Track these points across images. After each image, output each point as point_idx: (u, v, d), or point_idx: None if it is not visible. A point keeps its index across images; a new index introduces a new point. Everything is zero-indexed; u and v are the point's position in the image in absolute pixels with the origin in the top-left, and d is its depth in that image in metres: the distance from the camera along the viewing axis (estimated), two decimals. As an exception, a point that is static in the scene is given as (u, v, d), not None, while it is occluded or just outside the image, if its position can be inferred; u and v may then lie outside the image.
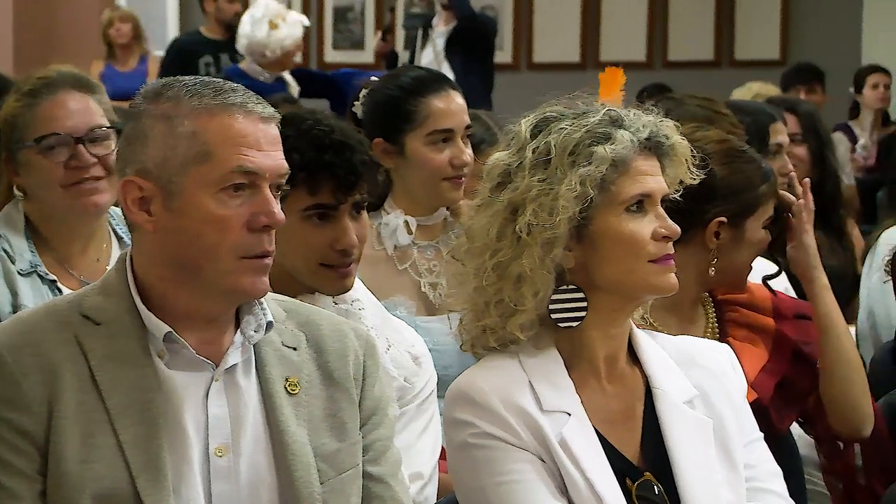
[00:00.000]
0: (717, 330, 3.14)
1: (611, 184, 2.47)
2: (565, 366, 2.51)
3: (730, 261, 3.14)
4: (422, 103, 3.67)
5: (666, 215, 2.51)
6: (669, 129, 2.55)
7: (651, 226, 2.49)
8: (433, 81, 3.74)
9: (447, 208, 3.77)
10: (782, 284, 3.98)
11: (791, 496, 2.61)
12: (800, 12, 12.63)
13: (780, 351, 3.13)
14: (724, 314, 3.16)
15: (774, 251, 3.30)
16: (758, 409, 2.78)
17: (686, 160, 2.57)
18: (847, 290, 4.81)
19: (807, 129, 5.16)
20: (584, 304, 2.50)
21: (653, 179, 2.50)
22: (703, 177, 2.62)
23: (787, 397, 3.15)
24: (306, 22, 7.93)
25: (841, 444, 3.39)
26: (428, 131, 3.64)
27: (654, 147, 2.52)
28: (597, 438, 2.47)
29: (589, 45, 12.36)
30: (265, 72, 7.73)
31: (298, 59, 8.43)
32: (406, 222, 3.67)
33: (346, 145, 2.85)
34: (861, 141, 9.08)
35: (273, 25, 7.60)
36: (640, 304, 2.57)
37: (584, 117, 2.51)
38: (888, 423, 3.37)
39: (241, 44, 7.79)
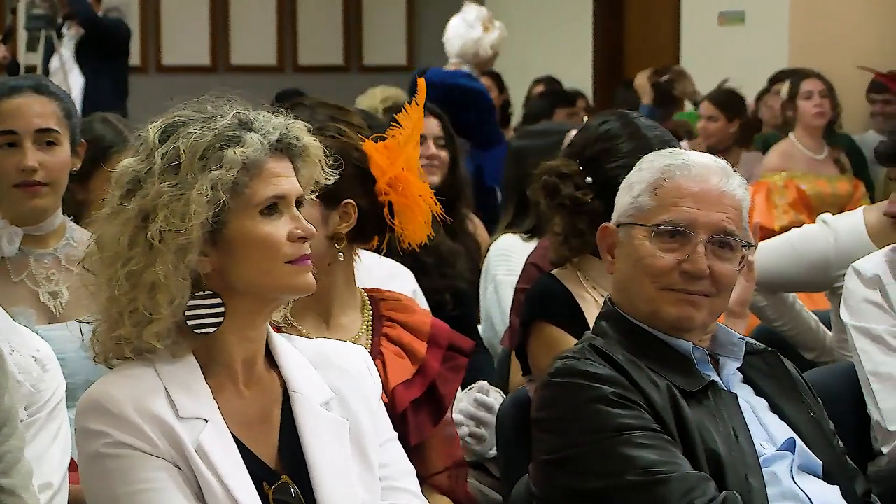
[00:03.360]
0: (369, 341, 3.16)
1: (244, 187, 2.47)
2: (202, 372, 2.49)
3: None
4: None
5: (301, 216, 2.52)
6: (300, 131, 2.56)
7: (286, 227, 2.49)
8: (17, 85, 3.64)
9: (68, 214, 3.67)
10: (410, 287, 4.06)
11: None
12: (424, 19, 12.94)
13: (421, 381, 3.17)
14: (382, 327, 3.19)
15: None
16: (393, 416, 2.82)
17: (319, 161, 2.59)
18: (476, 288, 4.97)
19: (449, 135, 5.34)
20: (222, 309, 2.48)
21: (286, 181, 2.51)
22: (337, 176, 2.65)
23: (414, 426, 3.16)
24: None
25: None
26: None
27: (285, 149, 2.53)
28: (234, 444, 2.46)
29: (219, 48, 12.31)
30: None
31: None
32: (10, 232, 3.54)
33: None
34: None
35: (486, 28, 7.88)
36: (278, 305, 2.58)
37: (213, 121, 2.49)
38: (515, 419, 3.47)
39: (454, 44, 7.85)
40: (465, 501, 3.24)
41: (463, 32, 8.01)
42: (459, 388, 4.07)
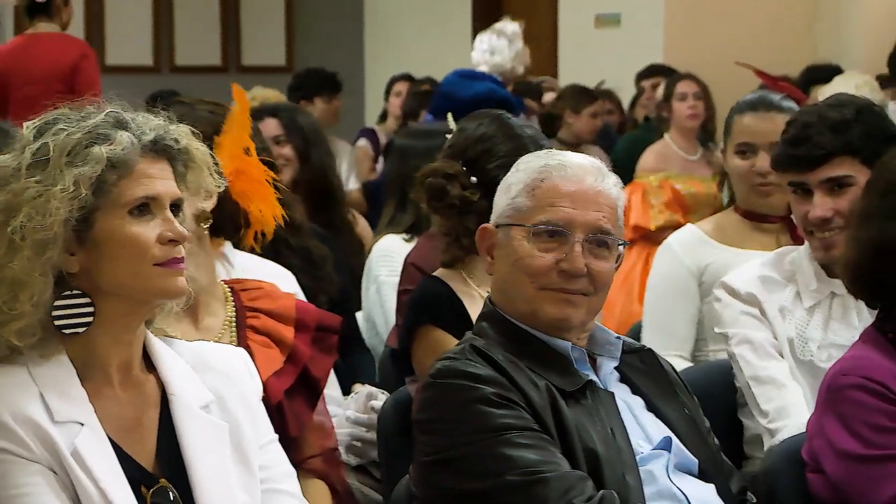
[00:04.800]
0: (234, 335, 3.15)
1: (112, 186, 2.44)
2: (78, 375, 2.47)
3: None
4: None
5: (174, 219, 2.49)
6: (181, 134, 2.54)
7: (157, 229, 2.47)
8: None
9: None
10: (293, 289, 4.04)
11: None
12: (303, 20, 12.90)
13: (292, 368, 3.17)
14: (246, 319, 3.19)
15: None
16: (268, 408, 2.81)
17: (207, 167, 2.57)
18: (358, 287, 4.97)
19: (289, 129, 5.28)
20: (90, 309, 2.46)
21: (160, 183, 2.48)
22: (226, 184, 2.63)
23: (291, 417, 3.17)
24: None
25: None
26: None
27: (162, 150, 2.50)
28: (111, 448, 2.44)
29: (94, 48, 12.14)
30: None
31: None
32: None
33: None
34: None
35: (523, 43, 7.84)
36: (151, 308, 2.54)
37: (87, 119, 2.47)
38: (396, 420, 3.47)
39: (491, 58, 7.74)
40: (339, 485, 3.24)
41: (504, 46, 7.97)
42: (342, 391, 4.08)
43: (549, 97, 8.91)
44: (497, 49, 7.92)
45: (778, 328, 3.55)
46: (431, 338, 3.50)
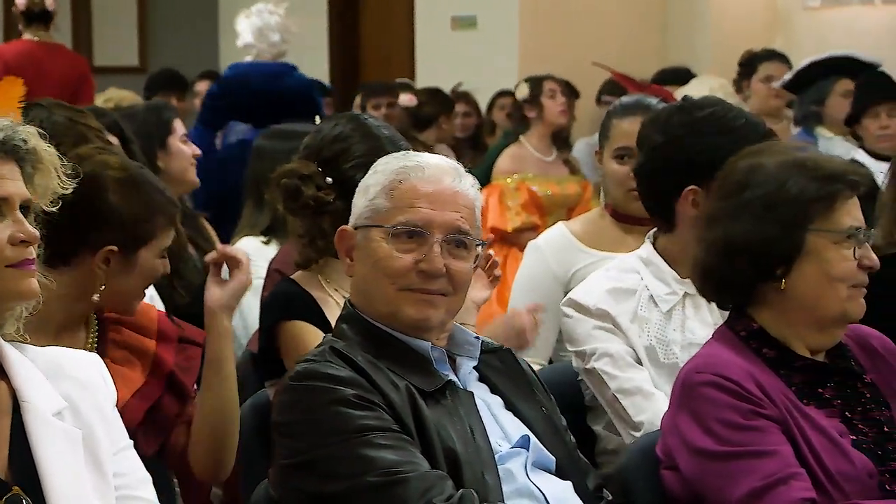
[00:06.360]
0: (95, 349, 3.12)
1: (-39, 188, 2.40)
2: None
3: (118, 287, 3.16)
4: None
5: (24, 220, 2.45)
6: (30, 135, 2.50)
7: (8, 230, 2.43)
8: None
9: None
10: (147, 292, 4.00)
11: None
12: (157, 20, 12.76)
13: (156, 375, 3.17)
14: (107, 333, 3.15)
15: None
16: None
17: (55, 169, 2.53)
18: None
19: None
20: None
21: (10, 184, 2.45)
22: (74, 185, 2.60)
23: (156, 422, 3.19)
24: None
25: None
26: None
27: (10, 151, 2.46)
28: (-38, 455, 2.39)
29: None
30: None
31: None
32: None
33: None
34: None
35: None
36: (3, 312, 2.49)
37: (-68, 121, 2.42)
38: (253, 424, 3.45)
39: (276, 39, 7.56)
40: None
41: (286, 27, 7.86)
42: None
43: (405, 99, 8.91)
44: (285, 37, 7.88)
45: (633, 338, 3.52)
46: (292, 331, 3.49)
